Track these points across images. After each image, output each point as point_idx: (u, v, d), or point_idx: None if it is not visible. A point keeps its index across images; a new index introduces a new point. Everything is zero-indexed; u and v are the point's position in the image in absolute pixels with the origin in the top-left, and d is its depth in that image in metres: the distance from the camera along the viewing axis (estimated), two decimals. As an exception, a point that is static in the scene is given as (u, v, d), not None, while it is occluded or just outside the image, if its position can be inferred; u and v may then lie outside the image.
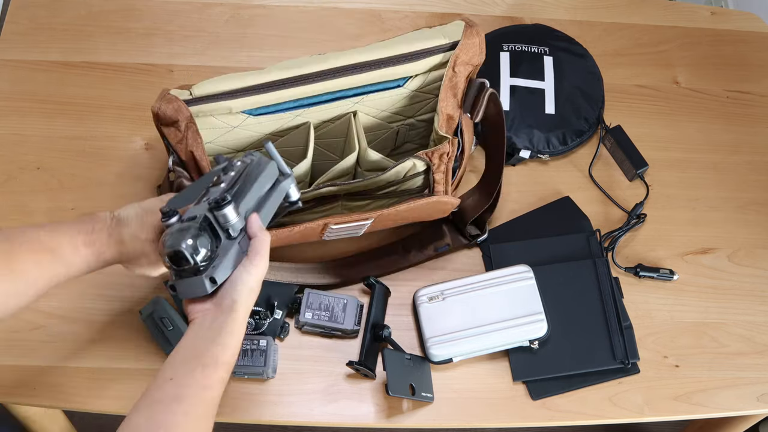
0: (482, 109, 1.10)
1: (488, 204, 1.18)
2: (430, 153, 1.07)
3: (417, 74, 1.13)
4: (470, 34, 1.09)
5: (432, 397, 1.11)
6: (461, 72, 1.09)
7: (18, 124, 1.31)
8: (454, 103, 1.09)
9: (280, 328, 1.13)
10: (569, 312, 1.19)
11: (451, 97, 1.09)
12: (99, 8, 1.44)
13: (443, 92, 1.08)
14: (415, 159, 1.06)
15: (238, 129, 1.10)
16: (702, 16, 1.55)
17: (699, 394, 1.17)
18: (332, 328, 1.14)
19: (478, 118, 1.11)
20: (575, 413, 1.14)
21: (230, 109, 1.07)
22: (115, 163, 1.29)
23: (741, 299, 1.25)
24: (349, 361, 1.10)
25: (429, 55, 1.10)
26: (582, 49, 1.43)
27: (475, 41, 1.09)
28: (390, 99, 1.15)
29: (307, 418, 1.11)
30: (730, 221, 1.32)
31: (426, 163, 1.08)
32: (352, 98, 1.12)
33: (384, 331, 1.11)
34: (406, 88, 1.14)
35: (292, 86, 1.07)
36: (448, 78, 1.08)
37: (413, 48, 1.09)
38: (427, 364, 1.14)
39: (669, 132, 1.40)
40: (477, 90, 1.09)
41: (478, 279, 1.17)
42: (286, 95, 1.08)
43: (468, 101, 1.10)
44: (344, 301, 1.15)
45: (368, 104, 1.14)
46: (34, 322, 1.13)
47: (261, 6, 1.47)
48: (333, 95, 1.11)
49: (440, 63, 1.12)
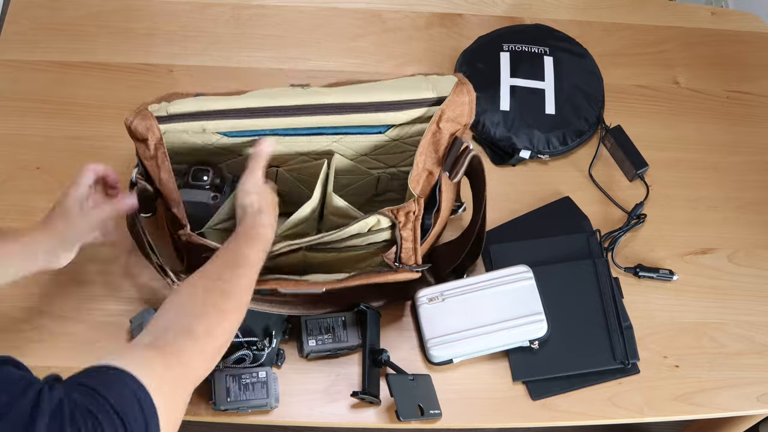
0: (462, 170, 1.05)
1: (458, 261, 1.14)
2: (395, 210, 1.02)
3: (399, 123, 1.10)
4: (460, 92, 1.05)
5: (440, 413, 1.11)
6: (446, 128, 1.05)
7: (18, 124, 1.31)
8: (434, 159, 1.06)
9: (276, 356, 1.12)
10: (569, 312, 1.19)
11: (432, 152, 1.05)
12: (99, 8, 1.44)
13: (423, 147, 1.04)
14: (379, 215, 1.02)
15: (210, 146, 1.09)
16: (702, 16, 1.55)
17: (699, 395, 1.17)
18: (339, 348, 1.13)
19: (457, 178, 1.06)
20: (575, 413, 1.14)
21: (204, 128, 1.06)
22: (115, 163, 1.27)
23: (741, 299, 1.25)
24: (353, 391, 1.09)
25: (413, 107, 1.07)
26: (582, 49, 1.43)
27: (465, 99, 1.05)
28: (369, 144, 1.12)
29: (307, 418, 1.11)
30: (730, 221, 1.32)
31: (390, 220, 1.03)
32: (331, 136, 1.10)
33: (383, 356, 1.11)
34: (387, 135, 1.11)
35: (270, 116, 1.06)
36: (431, 133, 1.05)
37: (399, 97, 1.07)
38: (430, 380, 1.13)
39: (669, 132, 1.40)
40: (459, 150, 1.05)
41: (477, 280, 1.17)
42: (263, 124, 1.07)
43: (449, 160, 1.06)
44: (342, 319, 1.14)
45: (346, 144, 1.12)
46: (34, 322, 1.13)
47: (261, 6, 1.47)
48: (310, 130, 1.09)
49: (424, 116, 1.08)
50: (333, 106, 1.06)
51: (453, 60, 1.44)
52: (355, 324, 1.14)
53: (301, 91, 1.07)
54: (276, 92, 1.07)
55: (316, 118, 1.07)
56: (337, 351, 1.13)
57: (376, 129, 1.10)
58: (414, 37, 1.47)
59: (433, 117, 1.05)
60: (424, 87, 1.07)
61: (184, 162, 1.10)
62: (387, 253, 1.06)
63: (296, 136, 1.10)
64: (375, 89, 1.08)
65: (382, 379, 1.12)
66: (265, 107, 1.06)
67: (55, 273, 1.06)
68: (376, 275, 1.06)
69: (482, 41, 1.43)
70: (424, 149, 1.04)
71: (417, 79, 1.10)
